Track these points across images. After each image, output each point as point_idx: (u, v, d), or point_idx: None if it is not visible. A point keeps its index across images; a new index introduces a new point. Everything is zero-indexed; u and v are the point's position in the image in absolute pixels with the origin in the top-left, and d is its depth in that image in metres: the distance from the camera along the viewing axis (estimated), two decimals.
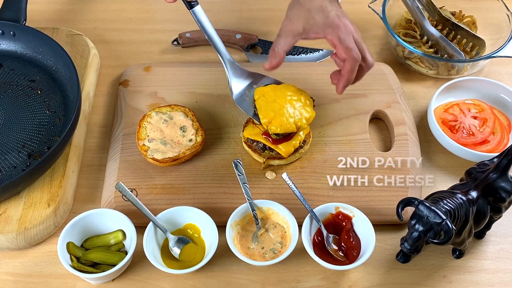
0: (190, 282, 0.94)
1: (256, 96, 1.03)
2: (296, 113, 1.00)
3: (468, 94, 1.16)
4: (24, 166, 1.02)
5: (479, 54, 1.23)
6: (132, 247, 0.92)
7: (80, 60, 1.18)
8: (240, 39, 1.28)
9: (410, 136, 1.09)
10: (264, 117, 1.00)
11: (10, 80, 1.14)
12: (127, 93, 1.16)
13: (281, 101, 1.01)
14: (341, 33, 0.96)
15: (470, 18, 1.28)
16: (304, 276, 0.95)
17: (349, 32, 0.97)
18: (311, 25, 0.99)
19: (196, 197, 1.01)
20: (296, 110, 1.01)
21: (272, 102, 1.01)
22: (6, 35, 1.16)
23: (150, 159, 1.03)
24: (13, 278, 0.95)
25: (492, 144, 1.09)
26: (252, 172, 1.04)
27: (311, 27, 0.99)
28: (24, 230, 0.95)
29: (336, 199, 1.00)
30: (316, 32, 0.99)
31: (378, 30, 1.32)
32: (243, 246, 0.95)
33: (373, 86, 1.16)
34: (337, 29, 0.96)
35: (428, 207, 0.84)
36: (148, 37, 1.31)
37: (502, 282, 0.95)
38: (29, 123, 1.08)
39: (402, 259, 0.96)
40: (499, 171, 0.90)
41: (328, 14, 0.98)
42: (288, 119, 0.99)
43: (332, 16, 0.98)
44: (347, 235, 0.94)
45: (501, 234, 1.00)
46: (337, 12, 0.99)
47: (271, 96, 1.02)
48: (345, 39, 0.96)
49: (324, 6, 0.99)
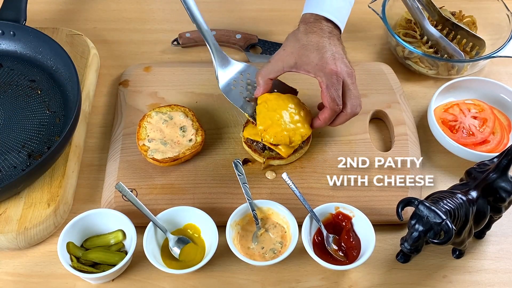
0: (190, 282, 0.94)
1: (259, 101, 1.03)
2: (293, 127, 1.00)
3: (468, 94, 1.16)
4: (24, 166, 1.02)
5: (479, 54, 1.23)
6: (132, 247, 0.92)
7: (80, 60, 1.18)
8: (240, 39, 1.28)
9: (410, 136, 1.09)
10: (261, 124, 1.00)
11: (10, 80, 1.14)
12: (127, 93, 1.16)
13: (281, 111, 1.01)
14: (329, 81, 0.96)
15: (470, 18, 1.28)
16: (304, 276, 0.95)
17: (339, 80, 0.96)
18: (303, 62, 0.98)
19: (196, 197, 1.01)
20: (294, 124, 1.00)
21: (273, 111, 1.01)
22: (6, 35, 1.16)
23: (150, 159, 1.03)
24: (13, 278, 0.95)
25: (492, 144, 1.09)
26: (252, 172, 1.04)
27: (303, 65, 0.99)
28: (24, 230, 0.95)
29: (336, 199, 1.00)
30: (307, 70, 0.99)
31: (378, 30, 1.32)
32: (243, 246, 0.95)
33: (373, 86, 1.16)
34: (328, 75, 0.96)
35: (428, 207, 0.84)
36: (148, 37, 1.31)
37: (502, 282, 0.95)
38: (29, 123, 1.08)
39: (402, 259, 0.96)
40: (499, 171, 0.90)
41: (323, 54, 0.97)
42: (283, 131, 0.99)
43: (326, 58, 0.97)
44: (347, 235, 0.94)
45: (501, 234, 1.00)
46: (334, 53, 0.98)
47: (273, 104, 1.02)
48: (330, 88, 0.96)
49: (321, 45, 0.98)
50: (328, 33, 1.00)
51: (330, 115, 0.98)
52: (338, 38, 1.02)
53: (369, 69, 1.20)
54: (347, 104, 0.98)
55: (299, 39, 1.00)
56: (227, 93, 1.03)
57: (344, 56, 0.99)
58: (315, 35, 0.99)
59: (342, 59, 0.98)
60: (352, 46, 1.26)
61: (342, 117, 1.00)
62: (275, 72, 1.01)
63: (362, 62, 1.22)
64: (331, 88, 0.96)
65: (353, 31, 1.29)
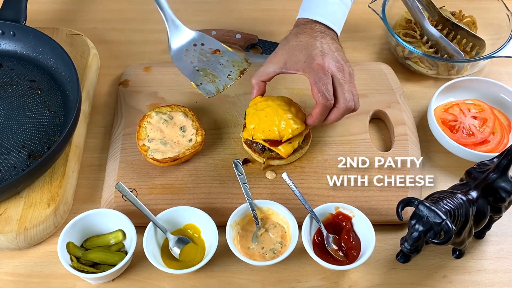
0: (190, 282, 0.94)
1: (250, 104, 1.05)
2: (282, 122, 1.00)
3: (468, 94, 1.16)
4: (24, 166, 1.02)
5: (479, 54, 1.23)
6: (132, 247, 0.92)
7: (80, 60, 1.18)
8: (240, 39, 1.28)
9: (410, 136, 1.09)
10: (250, 123, 1.01)
11: (10, 80, 1.14)
12: (127, 93, 1.16)
13: (270, 110, 1.01)
14: (316, 76, 0.96)
15: (470, 18, 1.28)
16: (304, 276, 0.95)
17: (327, 74, 0.96)
18: (292, 61, 0.99)
19: (196, 197, 1.01)
20: (284, 120, 1.01)
21: (261, 110, 1.02)
22: (6, 35, 1.16)
23: (150, 159, 1.03)
24: (13, 278, 0.95)
25: (492, 144, 1.09)
26: (252, 172, 1.04)
27: (292, 64, 0.99)
28: (24, 230, 0.95)
29: (336, 199, 1.00)
30: (296, 69, 0.99)
31: (378, 30, 1.32)
32: (243, 246, 0.95)
33: (373, 86, 1.16)
34: (314, 70, 0.96)
35: (428, 207, 0.84)
36: (148, 37, 1.31)
37: (502, 282, 0.95)
38: (29, 123, 1.08)
39: (402, 259, 0.96)
40: (499, 171, 0.90)
41: (311, 52, 0.98)
42: (272, 126, 1.00)
43: (314, 54, 0.97)
44: (347, 235, 0.94)
45: (501, 234, 1.00)
46: (323, 49, 0.98)
47: (262, 105, 1.03)
48: (318, 83, 0.95)
49: (311, 43, 0.99)
50: (320, 33, 1.01)
51: (321, 110, 0.97)
52: (333, 38, 1.02)
53: (369, 69, 1.20)
54: (339, 99, 0.97)
55: (289, 40, 1.01)
56: (177, 60, 1.03)
57: (335, 52, 0.99)
58: (305, 35, 1.00)
59: (332, 55, 0.98)
60: (352, 46, 1.26)
61: (335, 113, 0.99)
62: (266, 75, 1.02)
63: (362, 62, 1.22)
64: (318, 82, 0.96)
65: (353, 31, 1.29)
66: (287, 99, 1.05)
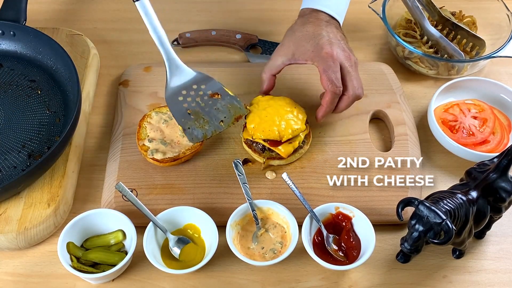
0: (190, 282, 0.94)
1: (252, 102, 1.05)
2: (282, 122, 1.00)
3: (468, 94, 1.16)
4: (24, 166, 1.02)
5: (479, 54, 1.23)
6: (132, 247, 0.92)
7: (80, 60, 1.18)
8: (240, 39, 1.28)
9: (410, 136, 1.09)
10: (251, 123, 1.02)
11: (10, 80, 1.14)
12: (127, 93, 1.16)
13: (271, 110, 1.02)
14: (325, 64, 0.96)
15: (470, 18, 1.28)
16: (304, 276, 0.95)
17: (335, 62, 0.97)
18: (300, 52, 1.00)
19: (196, 197, 1.01)
20: (284, 120, 1.01)
21: (262, 109, 1.02)
22: (6, 35, 1.16)
23: (150, 159, 1.03)
24: (13, 278, 0.95)
25: (492, 144, 1.09)
26: (252, 172, 1.04)
27: (300, 54, 1.00)
28: (24, 230, 0.95)
29: (336, 199, 1.00)
30: (305, 59, 1.00)
31: (378, 30, 1.32)
32: (243, 246, 0.95)
33: (373, 86, 1.16)
34: (323, 59, 0.97)
35: (428, 207, 0.84)
36: (148, 37, 1.30)
37: (502, 282, 0.95)
38: (29, 123, 1.08)
39: (402, 259, 0.96)
40: (499, 171, 0.90)
41: (318, 41, 0.98)
42: (272, 126, 1.00)
43: (322, 43, 0.98)
44: (347, 235, 0.94)
45: (501, 234, 1.00)
46: (330, 38, 0.98)
47: (263, 104, 1.03)
48: (327, 70, 0.96)
49: (317, 33, 0.99)
50: (325, 22, 1.01)
51: (331, 98, 0.98)
52: (337, 27, 1.03)
53: (369, 69, 1.19)
54: (348, 87, 0.99)
55: (295, 31, 1.01)
56: (170, 103, 1.00)
57: (341, 41, 1.00)
58: (311, 25, 1.01)
59: (339, 44, 0.99)
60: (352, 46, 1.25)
61: (345, 100, 1.00)
62: (276, 67, 1.03)
63: (362, 62, 1.22)
64: (327, 70, 0.96)
65: (353, 31, 1.28)
66: (289, 100, 1.05)
